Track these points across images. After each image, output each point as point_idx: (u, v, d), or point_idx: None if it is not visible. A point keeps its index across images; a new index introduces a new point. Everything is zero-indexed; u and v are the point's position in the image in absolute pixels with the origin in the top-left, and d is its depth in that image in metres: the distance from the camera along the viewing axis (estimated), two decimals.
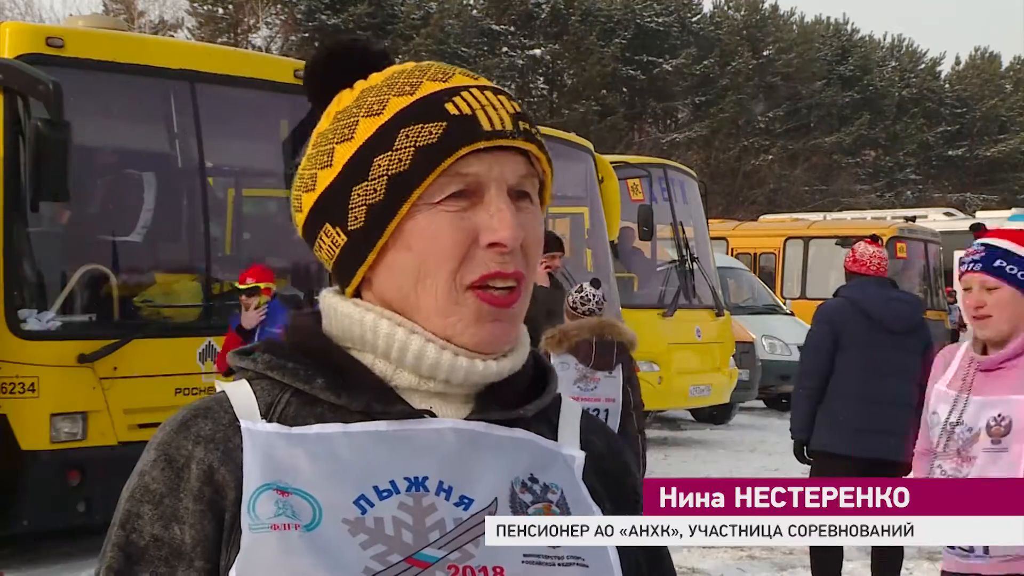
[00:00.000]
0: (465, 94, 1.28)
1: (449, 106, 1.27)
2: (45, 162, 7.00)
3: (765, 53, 53.64)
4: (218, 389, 1.33)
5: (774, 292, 20.66)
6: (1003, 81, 63.66)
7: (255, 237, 9.76)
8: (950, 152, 58.18)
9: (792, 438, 6.87)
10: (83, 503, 7.48)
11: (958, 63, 64.96)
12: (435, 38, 42.90)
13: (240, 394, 1.29)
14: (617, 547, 1.27)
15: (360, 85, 1.34)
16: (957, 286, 4.05)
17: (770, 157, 51.58)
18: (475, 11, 47.46)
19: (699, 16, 53.62)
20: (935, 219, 25.98)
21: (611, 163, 12.19)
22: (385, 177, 1.26)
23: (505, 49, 47.84)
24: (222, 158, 9.00)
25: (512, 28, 48.04)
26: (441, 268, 1.25)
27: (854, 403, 6.59)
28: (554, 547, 1.23)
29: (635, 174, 14.00)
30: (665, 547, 1.43)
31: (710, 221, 16.71)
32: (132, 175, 8.61)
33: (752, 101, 51.00)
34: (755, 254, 22.77)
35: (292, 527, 1.17)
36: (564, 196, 12.25)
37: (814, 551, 6.95)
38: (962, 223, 25.01)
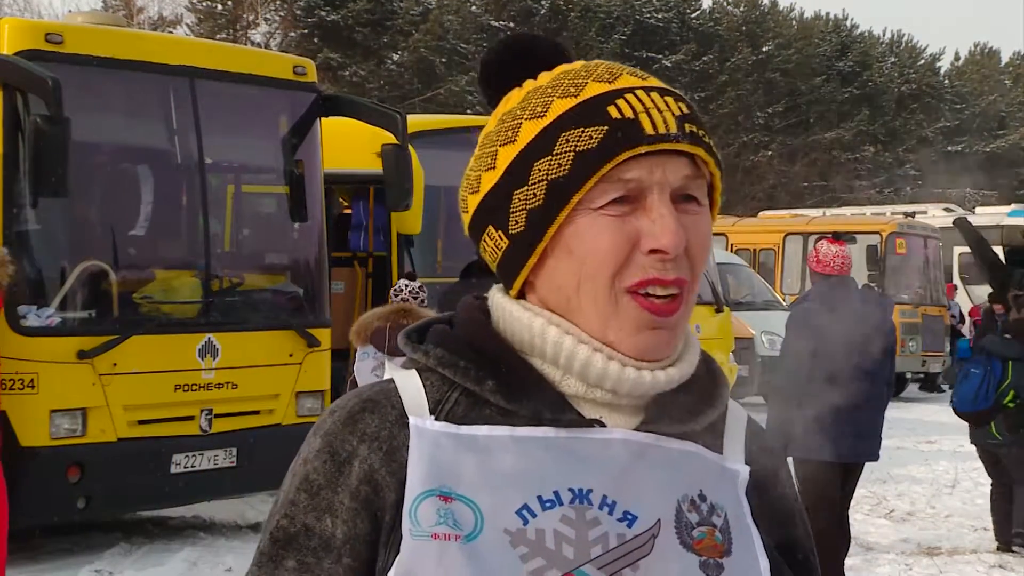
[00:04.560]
0: (630, 96, 1.26)
1: (612, 109, 1.24)
2: (44, 158, 7.00)
3: (764, 49, 53.59)
4: (389, 373, 1.31)
5: (773, 288, 20.66)
6: (1002, 77, 63.63)
7: (254, 233, 9.76)
8: (950, 148, 58.15)
9: None
10: (83, 499, 7.48)
11: (957, 59, 64.94)
12: (434, 34, 42.86)
13: (410, 388, 1.27)
14: None
15: (528, 85, 1.32)
16: (957, 282, 4.05)
17: (769, 153, 51.56)
18: (474, 7, 47.42)
19: (698, 12, 53.57)
20: (934, 215, 25.97)
21: None
22: (545, 182, 1.24)
23: None
24: (221, 154, 8.99)
25: (511, 24, 47.98)
26: (600, 272, 1.23)
27: (831, 409, 6.61)
28: None
29: None
30: (816, 570, 1.42)
31: None
32: (131, 171, 8.61)
33: (751, 97, 50.97)
34: (755, 250, 22.77)
35: (452, 538, 1.16)
36: None
37: (815, 547, 6.95)
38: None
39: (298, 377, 8.43)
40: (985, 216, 22.97)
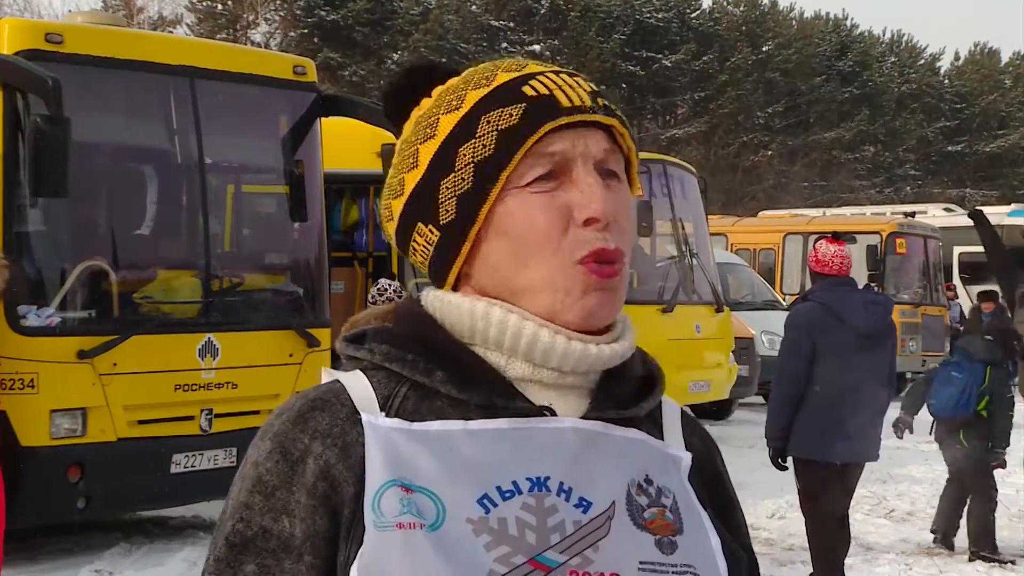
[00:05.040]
0: (541, 78, 1.30)
1: (526, 89, 1.28)
2: (44, 158, 6.99)
3: (764, 49, 53.60)
4: (326, 377, 1.31)
5: (773, 288, 20.66)
6: (1002, 76, 63.64)
7: (254, 233, 9.76)
8: (949, 148, 58.15)
9: (768, 445, 6.88)
10: (83, 499, 7.48)
11: (957, 59, 64.95)
12: (434, 34, 42.86)
13: (358, 386, 1.27)
14: (724, 555, 1.28)
15: (438, 89, 1.35)
16: (957, 282, 4.05)
17: (769, 153, 51.57)
18: (474, 7, 47.42)
19: (698, 12, 53.59)
20: (935, 215, 25.97)
21: None
22: (471, 165, 1.26)
23: (504, 45, 47.80)
24: (222, 154, 8.99)
25: (511, 24, 48.01)
26: (544, 248, 1.25)
27: (832, 410, 6.61)
28: (669, 555, 1.23)
29: None
30: (756, 559, 1.44)
31: (709, 217, 16.70)
32: (131, 171, 8.61)
33: (751, 96, 50.96)
34: (755, 250, 22.77)
35: (417, 526, 1.16)
36: None
37: (815, 547, 6.96)
38: (962, 219, 25.00)
39: (298, 377, 8.42)
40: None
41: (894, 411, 8.33)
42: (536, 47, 47.77)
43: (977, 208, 16.33)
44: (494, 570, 1.15)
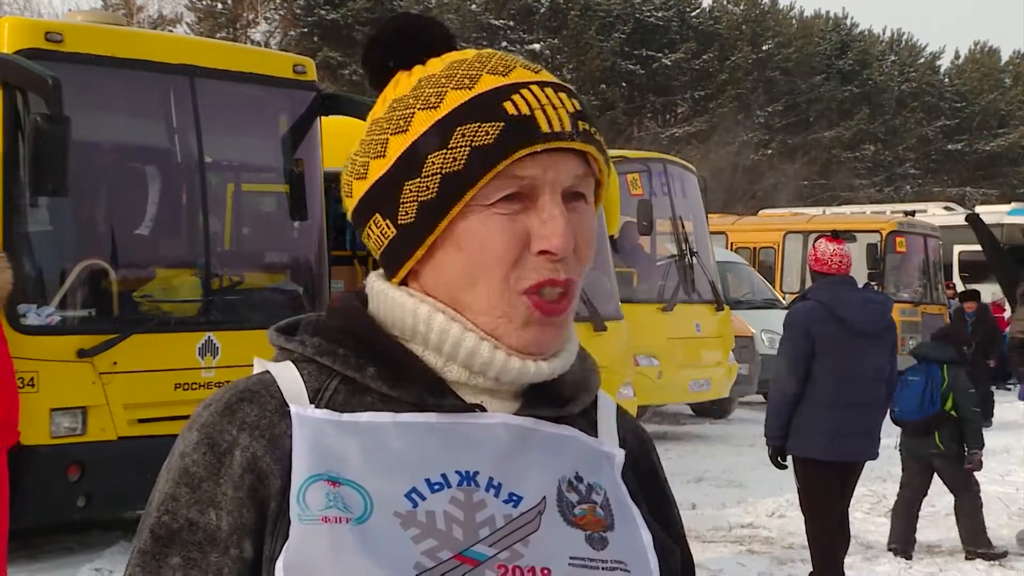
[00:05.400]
0: (525, 92, 1.26)
1: (507, 105, 1.24)
2: (44, 157, 7.00)
3: (764, 47, 53.60)
4: (258, 367, 1.30)
5: (773, 287, 20.67)
6: (1002, 75, 63.65)
7: (254, 232, 9.76)
8: (949, 146, 58.14)
9: (767, 444, 6.88)
10: (83, 498, 7.48)
11: (957, 57, 64.97)
12: None
13: (288, 378, 1.26)
14: (656, 551, 1.28)
15: (418, 72, 1.31)
16: (956, 280, 4.05)
17: (769, 151, 51.56)
18: (474, 6, 47.42)
19: (698, 10, 53.58)
20: (934, 213, 25.97)
21: (610, 158, 12.15)
22: (439, 176, 1.24)
23: (504, 44, 47.79)
24: (221, 153, 8.99)
25: (511, 23, 48.01)
26: (493, 271, 1.24)
27: (831, 408, 6.61)
28: (600, 551, 1.22)
29: (634, 169, 14.00)
30: (691, 553, 1.44)
31: (709, 216, 16.70)
32: (131, 170, 8.61)
33: (751, 95, 50.96)
34: (754, 248, 22.77)
35: (343, 520, 1.15)
36: None
37: (814, 546, 6.96)
38: (961, 218, 24.99)
39: None
40: (985, 215, 22.89)
41: None
42: (536, 46, 47.77)
43: (973, 212, 16.34)
44: (421, 563, 1.14)
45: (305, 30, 42.75)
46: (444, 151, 1.24)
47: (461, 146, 1.23)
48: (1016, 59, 64.71)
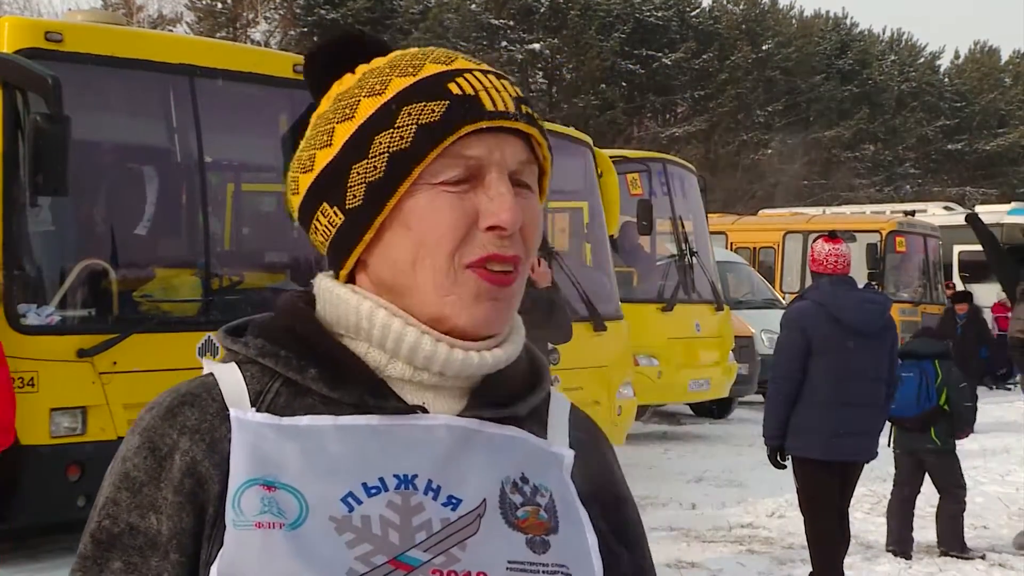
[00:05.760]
0: (468, 76, 1.27)
1: (452, 86, 1.26)
2: (44, 157, 6.99)
3: (764, 47, 53.59)
4: (206, 368, 1.30)
5: (773, 287, 20.67)
6: (1002, 75, 63.64)
7: (254, 232, 9.76)
8: (949, 146, 58.15)
9: (766, 444, 6.89)
10: (83, 498, 7.47)
11: (957, 57, 64.96)
12: (434, 32, 42.86)
13: (230, 380, 1.27)
14: (601, 554, 1.26)
15: (362, 68, 1.32)
16: (956, 280, 4.05)
17: (769, 151, 51.56)
18: (474, 5, 47.41)
19: (698, 10, 53.58)
20: (934, 213, 25.97)
21: (610, 157, 12.18)
22: (386, 154, 1.24)
23: (504, 43, 47.81)
24: (221, 153, 8.98)
25: (511, 22, 48.00)
26: (440, 247, 1.24)
27: (829, 408, 6.61)
28: (541, 555, 1.20)
29: (634, 168, 14.00)
30: (649, 555, 1.42)
31: (709, 215, 16.70)
32: (131, 170, 8.61)
33: (751, 95, 50.96)
34: (754, 248, 22.78)
35: (276, 526, 1.15)
36: (563, 191, 12.24)
37: (814, 546, 6.96)
38: (961, 217, 24.98)
39: None
40: (985, 214, 22.89)
41: None
42: (536, 46, 47.76)
43: (972, 212, 16.32)
44: (354, 569, 1.14)
45: (305, 30, 42.74)
46: (391, 130, 1.25)
47: (408, 124, 1.24)
48: (1016, 59, 64.70)
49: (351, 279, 1.31)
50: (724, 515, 9.87)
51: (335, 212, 1.28)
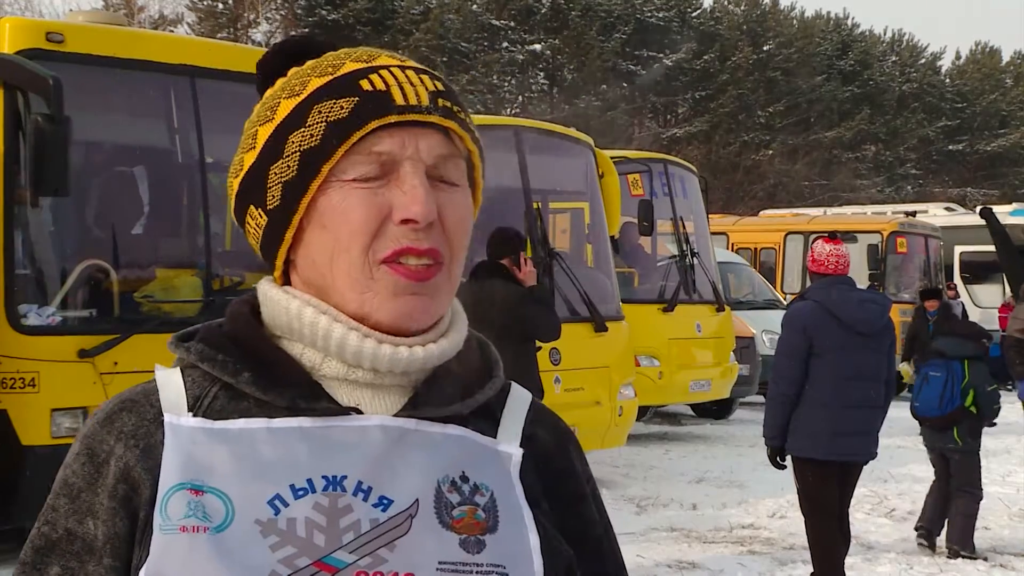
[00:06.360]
0: (383, 72, 1.27)
1: (363, 82, 1.26)
2: (46, 158, 6.99)
3: (765, 48, 53.60)
4: (156, 374, 1.31)
5: (774, 287, 20.67)
6: (1003, 76, 63.62)
7: None
8: (950, 147, 58.14)
9: (767, 444, 6.90)
10: None
11: (958, 58, 64.96)
12: (435, 33, 42.86)
13: (170, 385, 1.28)
14: (544, 554, 1.24)
15: (292, 71, 1.32)
16: (958, 281, 4.05)
17: (770, 152, 51.56)
18: (475, 6, 47.41)
19: (699, 11, 53.58)
20: (935, 214, 25.95)
21: (611, 158, 12.18)
22: (298, 153, 1.25)
23: (505, 44, 47.81)
24: (222, 153, 8.97)
25: (512, 23, 48.00)
26: (353, 244, 1.23)
27: (829, 408, 6.62)
28: (475, 555, 1.19)
29: (635, 169, 14.00)
30: (611, 553, 1.39)
31: (710, 216, 16.71)
32: (133, 170, 8.61)
33: (752, 96, 50.95)
34: (755, 249, 22.77)
35: (200, 529, 1.15)
36: (564, 191, 12.25)
37: (815, 547, 6.96)
38: (963, 218, 25.00)
39: None
40: None
41: (894, 410, 8.33)
42: (537, 46, 47.77)
43: (987, 207, 16.27)
44: (276, 572, 1.13)
45: (306, 30, 42.73)
46: (302, 129, 1.25)
47: (318, 122, 1.25)
48: (1017, 59, 64.69)
49: (287, 280, 1.32)
50: (725, 516, 9.87)
51: (259, 214, 1.29)
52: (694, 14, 52.93)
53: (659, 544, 8.76)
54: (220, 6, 43.11)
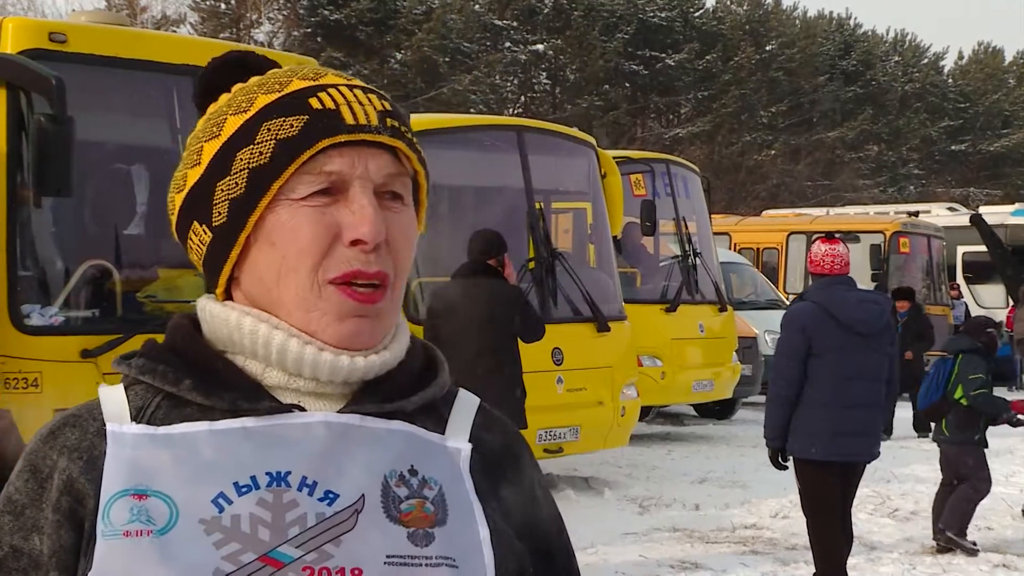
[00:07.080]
0: (332, 91, 1.27)
1: (313, 101, 1.26)
2: (48, 157, 7.00)
3: (768, 48, 53.56)
4: (100, 390, 1.32)
5: (777, 287, 20.66)
6: (1006, 76, 63.56)
7: None
8: (953, 147, 58.09)
9: (767, 445, 6.90)
10: None
11: (961, 58, 64.88)
12: (437, 33, 42.85)
13: (113, 400, 1.28)
14: (494, 547, 1.24)
15: (236, 87, 1.32)
16: (960, 281, 4.06)
17: (773, 152, 51.53)
18: (477, 6, 47.38)
19: (702, 11, 53.55)
20: (938, 214, 25.94)
21: (614, 158, 12.18)
22: (246, 171, 1.25)
23: (508, 44, 47.79)
24: None
25: (515, 23, 47.98)
26: (302, 263, 1.24)
27: (829, 409, 6.62)
28: (423, 548, 1.19)
29: (638, 169, 14.00)
30: (562, 548, 1.40)
31: (713, 216, 16.70)
32: (135, 170, 8.61)
33: (755, 96, 50.95)
34: (758, 249, 22.77)
35: (144, 533, 1.15)
36: (567, 191, 12.25)
37: (817, 547, 6.96)
38: (965, 218, 24.97)
39: None
40: (989, 215, 22.94)
41: (896, 410, 8.39)
42: (539, 46, 47.75)
43: (976, 213, 16.26)
44: (221, 568, 1.14)
45: (308, 30, 42.76)
46: (251, 146, 1.25)
47: (267, 140, 1.25)
48: (1020, 59, 64.62)
49: (229, 297, 1.32)
50: (728, 516, 9.87)
51: (204, 230, 1.29)
52: (696, 14, 52.88)
53: (662, 544, 8.76)
54: (223, 6, 43.11)
